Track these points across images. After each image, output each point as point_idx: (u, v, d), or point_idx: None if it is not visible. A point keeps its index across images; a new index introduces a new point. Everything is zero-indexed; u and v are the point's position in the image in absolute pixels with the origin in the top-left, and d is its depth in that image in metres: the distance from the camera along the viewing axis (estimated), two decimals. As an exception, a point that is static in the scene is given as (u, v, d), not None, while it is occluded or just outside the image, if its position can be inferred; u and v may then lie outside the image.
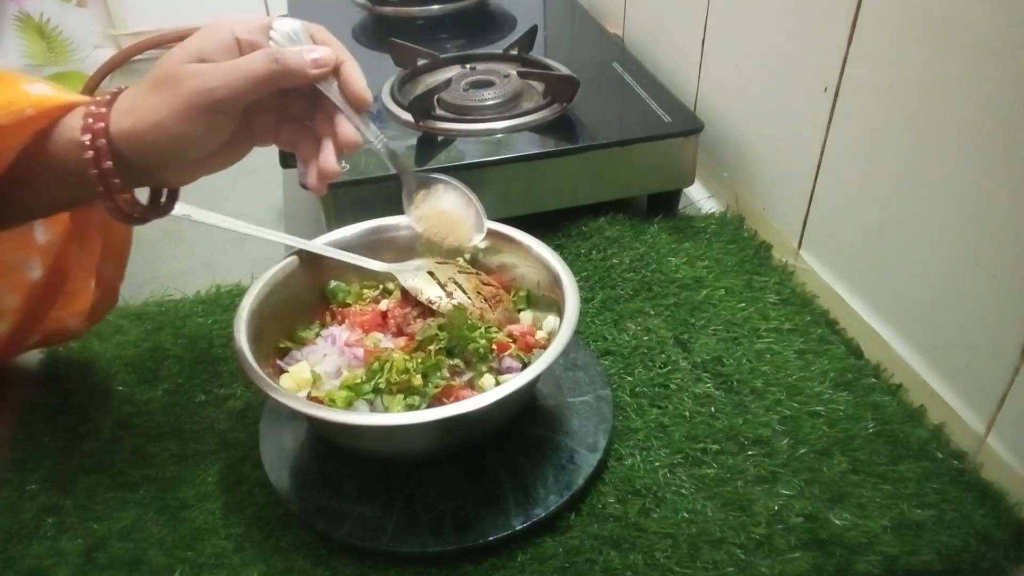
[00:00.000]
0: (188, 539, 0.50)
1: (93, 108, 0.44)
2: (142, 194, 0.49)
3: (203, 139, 0.45)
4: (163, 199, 0.51)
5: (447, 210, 0.56)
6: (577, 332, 0.50)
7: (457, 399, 0.49)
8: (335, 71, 0.48)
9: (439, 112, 0.78)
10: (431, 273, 0.57)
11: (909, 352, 0.59)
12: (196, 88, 0.43)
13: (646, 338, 0.64)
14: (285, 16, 0.49)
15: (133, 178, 0.46)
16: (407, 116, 0.77)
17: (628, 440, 0.56)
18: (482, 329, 0.53)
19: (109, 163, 0.44)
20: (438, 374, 0.50)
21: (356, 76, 0.49)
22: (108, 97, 0.45)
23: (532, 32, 0.91)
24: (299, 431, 0.56)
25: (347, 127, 0.49)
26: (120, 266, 0.61)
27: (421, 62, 0.88)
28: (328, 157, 0.49)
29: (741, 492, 0.51)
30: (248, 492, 0.53)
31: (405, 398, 0.50)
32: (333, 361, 0.53)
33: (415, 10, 1.05)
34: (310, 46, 0.47)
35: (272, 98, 0.49)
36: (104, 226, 0.57)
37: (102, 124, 0.44)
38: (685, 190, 0.82)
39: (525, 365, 0.53)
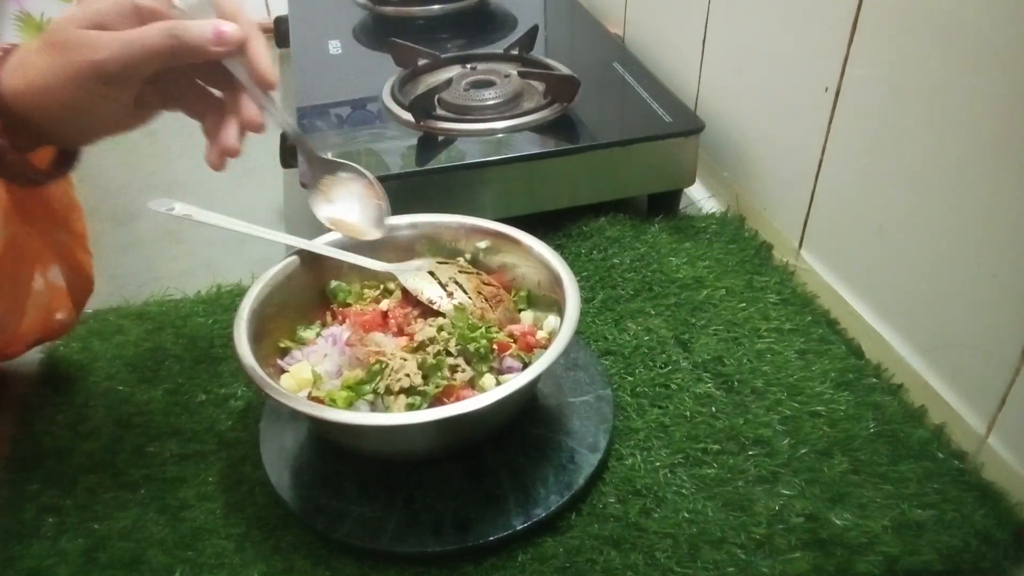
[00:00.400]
0: (188, 539, 0.50)
1: None
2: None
3: (96, 107, 0.44)
4: (62, 160, 0.49)
5: (350, 199, 0.56)
6: (578, 332, 0.50)
7: (457, 399, 0.49)
8: (241, 48, 0.45)
9: (440, 112, 0.78)
10: (432, 273, 0.57)
11: (910, 352, 0.59)
12: (86, 58, 0.41)
13: (647, 338, 0.64)
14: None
15: (28, 137, 0.44)
16: (408, 116, 0.77)
17: (629, 440, 0.56)
18: (483, 329, 0.53)
19: None
20: (439, 374, 0.50)
21: (262, 55, 0.46)
22: (0, 53, 0.44)
23: (532, 32, 0.91)
24: (299, 431, 0.56)
25: (251, 107, 0.47)
26: (75, 235, 0.59)
27: (422, 62, 0.88)
28: (229, 135, 0.47)
29: (742, 492, 0.51)
30: (248, 492, 0.53)
31: (406, 398, 0.50)
32: (334, 361, 0.53)
33: (415, 10, 1.05)
34: (213, 20, 0.44)
35: (183, 70, 0.47)
36: (42, 193, 0.54)
37: None
38: (685, 190, 0.82)
39: (526, 365, 0.52)
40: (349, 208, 0.57)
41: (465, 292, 0.56)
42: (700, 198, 0.85)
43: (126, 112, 0.46)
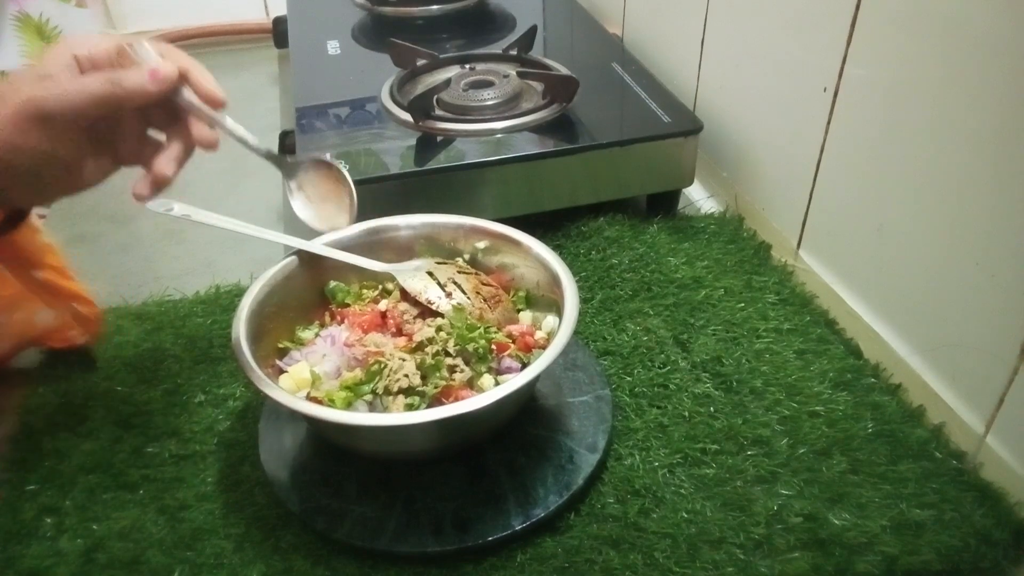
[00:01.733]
0: (188, 539, 0.50)
1: None
2: None
3: (42, 154, 0.45)
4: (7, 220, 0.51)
5: (323, 193, 0.60)
6: (576, 332, 0.50)
7: (457, 399, 0.49)
8: (184, 79, 0.48)
9: (439, 112, 0.78)
10: (431, 273, 0.57)
11: (909, 352, 0.59)
12: (28, 97, 0.43)
13: (645, 338, 0.64)
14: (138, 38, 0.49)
15: None
16: (406, 116, 0.77)
17: (627, 440, 0.56)
18: (481, 329, 0.53)
19: None
20: (438, 374, 0.50)
21: (205, 77, 0.49)
22: None
23: (532, 32, 0.91)
24: (299, 431, 0.56)
25: (200, 128, 0.50)
26: (56, 269, 0.60)
27: (421, 62, 0.88)
28: (162, 163, 0.49)
29: (740, 492, 0.51)
30: (248, 492, 0.53)
31: (405, 398, 0.50)
32: (332, 361, 0.53)
33: (415, 10, 1.05)
34: (148, 62, 0.47)
35: (135, 122, 0.49)
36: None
37: None
38: (684, 190, 0.82)
39: (524, 365, 0.53)
40: (324, 202, 0.60)
41: (464, 292, 0.56)
42: (699, 198, 0.85)
43: (70, 171, 0.47)
